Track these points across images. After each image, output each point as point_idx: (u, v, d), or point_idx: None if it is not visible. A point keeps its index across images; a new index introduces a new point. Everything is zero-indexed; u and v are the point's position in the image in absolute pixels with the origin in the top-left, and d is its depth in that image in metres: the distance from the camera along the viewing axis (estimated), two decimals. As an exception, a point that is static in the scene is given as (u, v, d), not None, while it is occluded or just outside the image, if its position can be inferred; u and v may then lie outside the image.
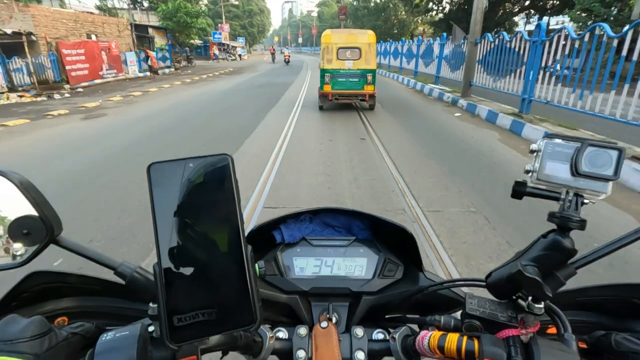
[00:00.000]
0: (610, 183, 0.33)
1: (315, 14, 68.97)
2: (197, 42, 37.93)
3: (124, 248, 2.36)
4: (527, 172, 0.36)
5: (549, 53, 5.16)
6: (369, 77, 6.57)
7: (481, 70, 7.17)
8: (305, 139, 4.68)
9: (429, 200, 2.86)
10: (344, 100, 6.80)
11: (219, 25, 38.67)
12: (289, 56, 29.06)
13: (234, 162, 0.29)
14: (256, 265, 0.33)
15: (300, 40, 76.82)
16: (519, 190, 0.37)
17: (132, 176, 3.43)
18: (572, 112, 4.63)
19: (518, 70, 5.96)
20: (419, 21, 34.19)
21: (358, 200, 2.95)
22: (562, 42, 4.80)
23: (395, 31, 34.65)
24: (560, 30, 4.90)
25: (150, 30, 18.84)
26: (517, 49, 5.92)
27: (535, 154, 0.36)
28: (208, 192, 0.29)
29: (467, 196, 2.97)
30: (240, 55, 34.27)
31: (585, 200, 0.34)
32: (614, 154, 0.33)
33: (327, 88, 6.65)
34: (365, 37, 6.53)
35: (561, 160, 0.35)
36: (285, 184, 3.19)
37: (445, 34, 10.05)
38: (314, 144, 4.49)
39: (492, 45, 6.73)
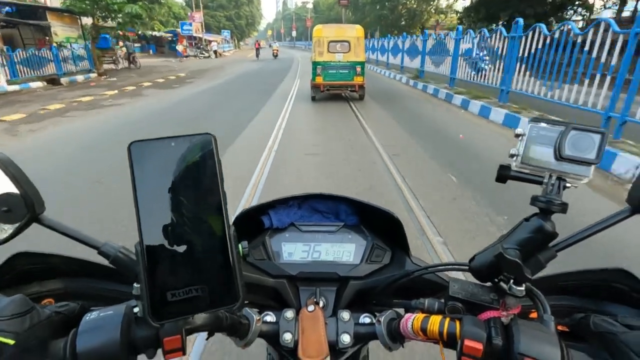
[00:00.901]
0: (592, 167, 0.35)
1: (310, 5, 69.99)
2: (165, 35, 32.20)
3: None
4: (512, 156, 0.38)
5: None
6: (358, 69, 7.50)
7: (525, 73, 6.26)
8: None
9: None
10: (335, 90, 7.76)
11: (190, 14, 32.60)
12: (278, 50, 30.64)
13: (217, 142, 0.30)
14: (240, 245, 0.37)
15: (294, 34, 75.46)
16: (503, 174, 0.39)
17: None
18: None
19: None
20: (432, 11, 31.12)
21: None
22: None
23: (403, 22, 31.72)
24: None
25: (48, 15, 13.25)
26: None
27: (519, 137, 0.38)
28: (191, 171, 0.31)
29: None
30: (216, 52, 30.16)
31: (568, 184, 0.37)
32: (597, 137, 0.35)
33: (319, 79, 7.57)
34: (354, 31, 7.57)
35: (545, 144, 0.37)
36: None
37: (460, 27, 9.20)
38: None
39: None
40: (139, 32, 24.57)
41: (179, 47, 24.55)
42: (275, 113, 6.54)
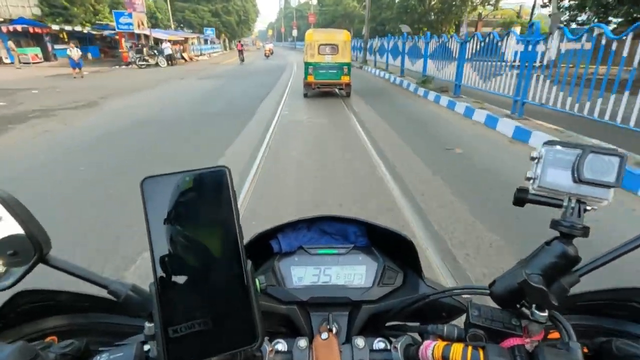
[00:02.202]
0: (612, 189, 0.36)
1: (314, 1, 66.89)
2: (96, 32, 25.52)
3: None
4: (529, 179, 0.40)
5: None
6: (345, 69, 9.42)
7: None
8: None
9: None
10: (324, 88, 9.73)
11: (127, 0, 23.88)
12: (271, 50, 33.56)
13: (232, 175, 0.31)
14: (257, 280, 0.35)
15: (295, 33, 70.92)
16: (521, 197, 0.40)
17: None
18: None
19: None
20: (472, 2, 26.78)
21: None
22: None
23: (433, 17, 27.27)
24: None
25: None
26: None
27: (535, 160, 0.39)
28: (205, 206, 0.31)
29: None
30: (171, 57, 23.30)
31: (588, 207, 0.38)
32: (616, 160, 0.36)
33: (311, 78, 9.49)
34: (342, 36, 9.56)
35: (562, 167, 0.38)
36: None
37: (538, 22, 6.32)
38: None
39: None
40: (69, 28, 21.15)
41: (71, 52, 14.94)
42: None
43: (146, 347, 0.38)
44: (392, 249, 0.60)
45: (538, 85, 5.87)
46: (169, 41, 24.59)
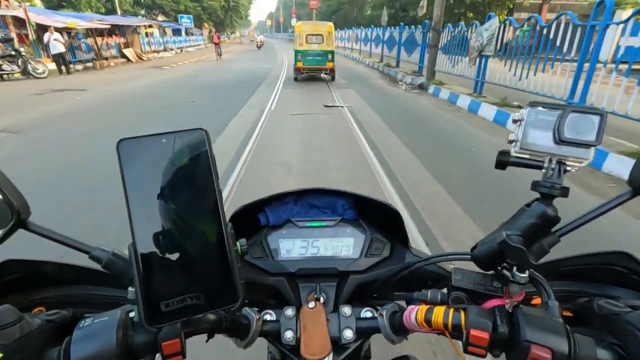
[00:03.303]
0: (592, 149, 0.40)
1: None
2: None
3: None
4: (511, 142, 0.44)
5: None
6: (329, 56, 12.30)
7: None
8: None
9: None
10: (312, 73, 12.69)
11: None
12: (261, 42, 38.11)
13: (209, 136, 0.34)
14: (238, 243, 0.37)
15: (294, 22, 69.82)
16: (503, 160, 0.44)
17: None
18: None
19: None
20: None
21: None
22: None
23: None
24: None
25: None
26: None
27: (517, 123, 0.43)
28: (183, 168, 0.33)
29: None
30: (64, 61, 14.21)
31: (568, 168, 0.42)
32: (596, 119, 0.39)
33: (300, 64, 12.38)
34: (326, 27, 12.42)
35: (544, 128, 0.41)
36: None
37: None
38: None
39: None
40: None
41: None
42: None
43: (132, 314, 0.40)
44: (380, 220, 0.67)
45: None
46: (65, 31, 16.13)
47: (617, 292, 0.48)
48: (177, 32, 35.81)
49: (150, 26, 27.83)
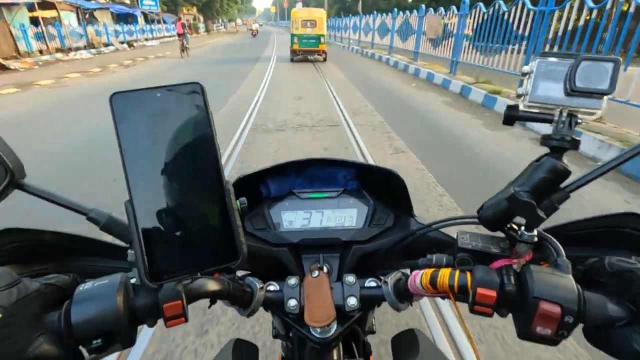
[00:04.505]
0: (605, 98, 0.39)
1: None
2: None
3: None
4: (519, 95, 0.42)
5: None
6: (322, 39, 13.66)
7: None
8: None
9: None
10: (307, 54, 13.96)
11: None
12: (257, 30, 39.05)
13: (205, 91, 0.33)
14: (238, 201, 0.36)
15: (299, 5, 50.47)
16: (511, 115, 0.43)
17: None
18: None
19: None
20: None
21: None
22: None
23: None
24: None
25: None
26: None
27: (527, 75, 0.41)
28: (180, 123, 0.32)
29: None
30: None
31: (579, 120, 0.41)
32: (609, 66, 0.38)
33: (296, 46, 13.71)
34: (319, 13, 13.84)
35: (554, 79, 0.40)
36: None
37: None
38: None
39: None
40: None
41: None
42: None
43: (133, 280, 0.40)
44: (383, 190, 0.66)
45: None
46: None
47: (626, 255, 0.44)
48: (133, 18, 26.77)
49: (52, 7, 17.43)
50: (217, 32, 49.47)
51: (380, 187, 0.66)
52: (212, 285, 0.41)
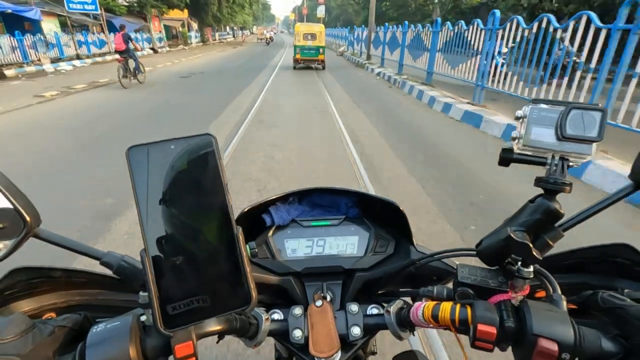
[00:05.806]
0: (594, 145, 0.41)
1: None
2: None
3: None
4: (514, 139, 0.45)
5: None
6: (321, 50, 16.10)
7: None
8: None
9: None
10: (307, 63, 16.45)
11: None
12: (271, 38, 38.43)
13: (217, 142, 0.34)
14: (247, 245, 0.37)
15: (321, 10, 43.78)
16: (506, 157, 0.45)
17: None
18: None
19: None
20: None
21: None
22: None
23: None
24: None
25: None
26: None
27: (520, 120, 0.44)
28: (193, 174, 0.34)
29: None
30: None
31: (571, 163, 0.44)
32: (597, 115, 0.41)
33: (298, 55, 16.23)
34: (319, 28, 16.21)
35: (546, 125, 0.42)
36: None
37: None
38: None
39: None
40: None
41: None
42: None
43: (143, 317, 0.40)
44: (383, 218, 0.68)
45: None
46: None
47: (620, 284, 0.48)
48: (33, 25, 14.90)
49: None
50: (216, 43, 40.31)
51: (381, 215, 0.69)
52: (221, 323, 0.43)
